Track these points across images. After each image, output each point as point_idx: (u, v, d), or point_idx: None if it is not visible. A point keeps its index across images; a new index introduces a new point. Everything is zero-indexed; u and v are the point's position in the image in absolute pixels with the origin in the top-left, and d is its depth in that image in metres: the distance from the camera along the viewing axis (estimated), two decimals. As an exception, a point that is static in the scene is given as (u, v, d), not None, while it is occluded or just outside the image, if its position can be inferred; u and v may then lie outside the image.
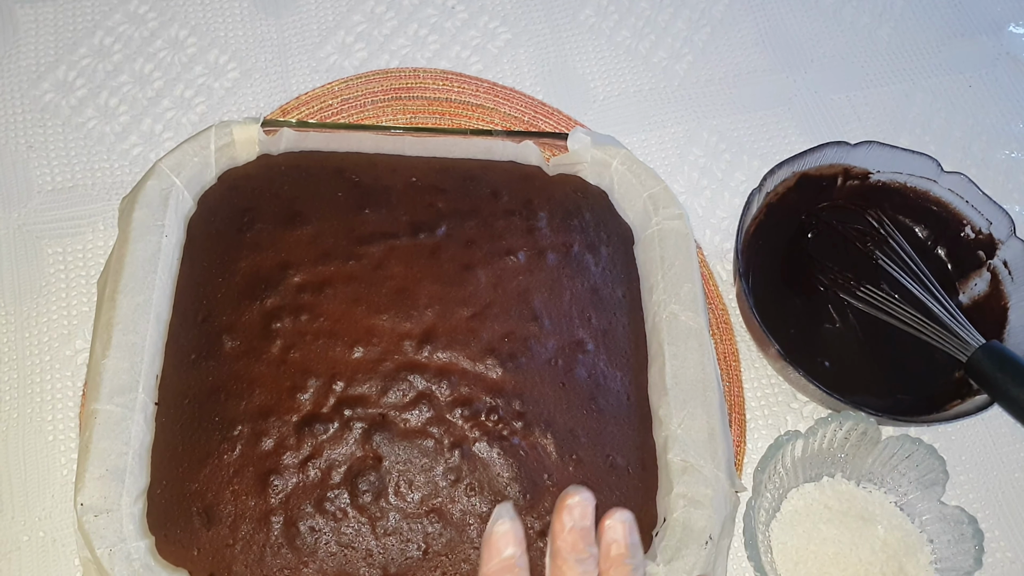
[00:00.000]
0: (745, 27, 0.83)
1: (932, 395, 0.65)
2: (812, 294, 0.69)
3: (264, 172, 0.65)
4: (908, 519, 0.62)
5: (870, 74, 0.82)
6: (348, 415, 0.56)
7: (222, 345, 0.58)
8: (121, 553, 0.52)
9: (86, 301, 0.67)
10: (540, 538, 0.55)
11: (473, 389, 0.58)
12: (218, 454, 0.55)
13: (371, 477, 0.55)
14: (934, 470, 0.61)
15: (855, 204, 0.71)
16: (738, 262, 0.64)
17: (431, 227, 0.63)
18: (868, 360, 0.67)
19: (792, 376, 0.63)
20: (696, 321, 0.61)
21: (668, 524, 0.56)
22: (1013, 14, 0.85)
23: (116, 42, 0.77)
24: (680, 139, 0.78)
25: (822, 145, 0.68)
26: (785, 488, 0.63)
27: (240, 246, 0.62)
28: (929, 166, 0.69)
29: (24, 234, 0.69)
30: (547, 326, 0.60)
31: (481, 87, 0.76)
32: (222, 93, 0.76)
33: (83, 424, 0.56)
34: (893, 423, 0.62)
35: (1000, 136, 0.80)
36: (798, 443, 0.61)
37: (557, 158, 0.68)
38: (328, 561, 0.54)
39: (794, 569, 0.61)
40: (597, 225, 0.66)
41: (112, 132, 0.73)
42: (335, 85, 0.75)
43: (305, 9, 0.80)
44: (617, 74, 0.80)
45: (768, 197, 0.69)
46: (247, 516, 0.54)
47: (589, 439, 0.58)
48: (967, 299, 0.69)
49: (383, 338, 0.59)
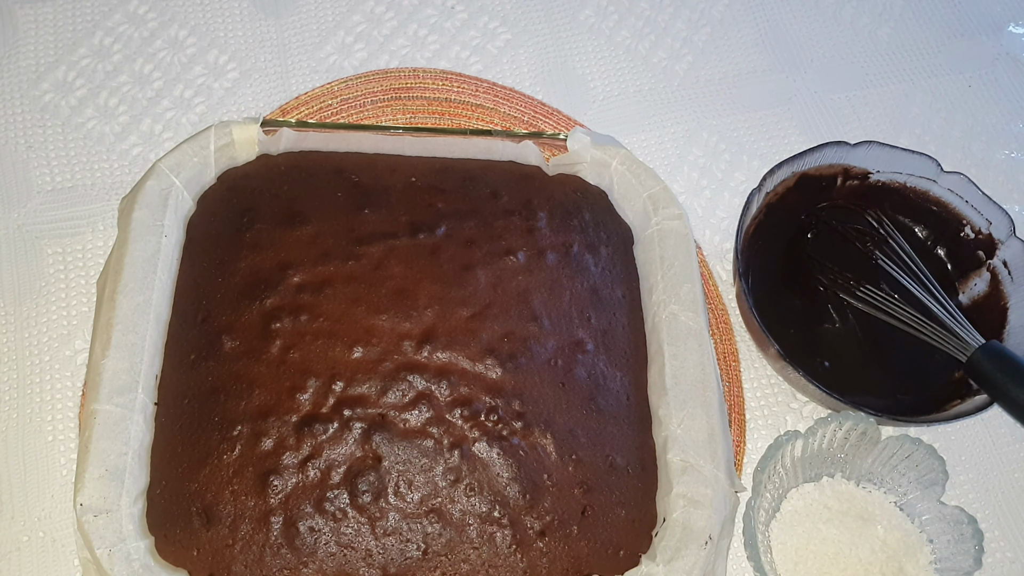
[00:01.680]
0: (745, 27, 0.83)
1: (931, 395, 0.65)
2: (812, 294, 0.69)
3: (264, 172, 0.65)
4: (908, 519, 0.62)
5: (870, 74, 0.82)
6: (348, 415, 0.56)
7: (222, 345, 0.58)
8: (121, 553, 0.52)
9: (86, 301, 0.67)
10: (540, 538, 0.55)
11: (473, 389, 0.58)
12: (218, 454, 0.55)
13: (371, 477, 0.55)
14: (934, 470, 0.61)
15: (855, 204, 0.71)
16: (738, 262, 0.63)
17: (431, 227, 0.63)
18: (867, 360, 0.67)
19: (792, 376, 0.63)
20: (696, 321, 0.61)
21: (668, 524, 0.56)
22: (1013, 14, 0.85)
23: (116, 42, 0.77)
24: (680, 139, 0.78)
25: (822, 145, 0.68)
26: (785, 488, 0.63)
27: (240, 246, 0.62)
28: (929, 166, 0.68)
29: (24, 234, 0.69)
30: (547, 326, 0.60)
31: (481, 87, 0.76)
32: (222, 93, 0.76)
33: (83, 424, 0.56)
34: (892, 423, 0.62)
35: (1000, 136, 0.80)
36: (798, 443, 0.61)
37: (557, 158, 0.68)
38: (328, 561, 0.54)
39: (794, 569, 0.61)
40: (597, 225, 0.66)
41: (112, 132, 0.73)
42: (335, 85, 0.75)
43: (305, 9, 0.80)
44: (617, 74, 0.80)
45: (768, 197, 0.69)
46: (247, 516, 0.54)
47: (589, 439, 0.58)
48: (967, 299, 0.69)
49: (383, 338, 0.59)
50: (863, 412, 0.61)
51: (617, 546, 0.56)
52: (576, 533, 0.56)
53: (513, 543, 0.55)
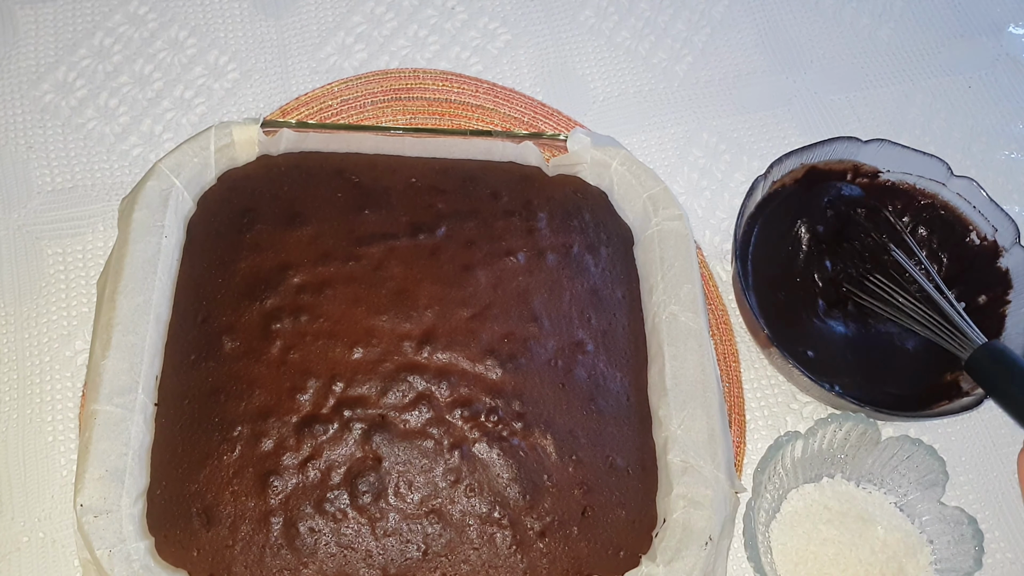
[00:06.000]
0: (745, 28, 0.83)
1: (919, 394, 0.65)
2: (808, 286, 0.68)
3: (264, 173, 0.65)
4: (908, 520, 0.62)
5: (870, 75, 0.82)
6: (348, 416, 0.56)
7: (222, 346, 0.58)
8: (121, 554, 0.52)
9: (86, 302, 0.67)
10: (540, 539, 0.55)
11: (473, 390, 0.58)
12: (218, 455, 0.55)
13: (371, 478, 0.55)
14: (934, 471, 0.61)
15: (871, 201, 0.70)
16: (736, 245, 0.63)
17: (431, 228, 0.63)
18: (857, 355, 0.66)
19: (779, 363, 0.63)
20: (696, 322, 0.61)
21: (668, 525, 0.56)
22: (1012, 15, 0.85)
23: (116, 43, 0.77)
24: (680, 140, 0.78)
25: (832, 139, 0.68)
26: (785, 489, 0.63)
27: (240, 247, 0.62)
28: (939, 168, 0.68)
29: (24, 235, 0.69)
30: (547, 327, 0.60)
31: (481, 88, 0.76)
32: (222, 94, 0.76)
33: (83, 425, 0.56)
34: (877, 416, 0.62)
35: (1000, 137, 0.80)
36: (798, 444, 0.61)
37: (557, 159, 0.68)
38: (328, 562, 0.54)
39: (794, 570, 0.61)
40: (597, 226, 0.66)
41: (112, 133, 0.73)
42: (335, 86, 0.75)
43: (305, 10, 0.80)
44: (617, 75, 0.80)
45: (774, 186, 0.68)
46: (247, 517, 0.54)
47: (589, 440, 0.58)
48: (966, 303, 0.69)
49: (383, 339, 0.59)
50: (845, 401, 0.60)
51: (617, 547, 0.56)
52: (576, 534, 0.56)
53: (513, 544, 0.55)
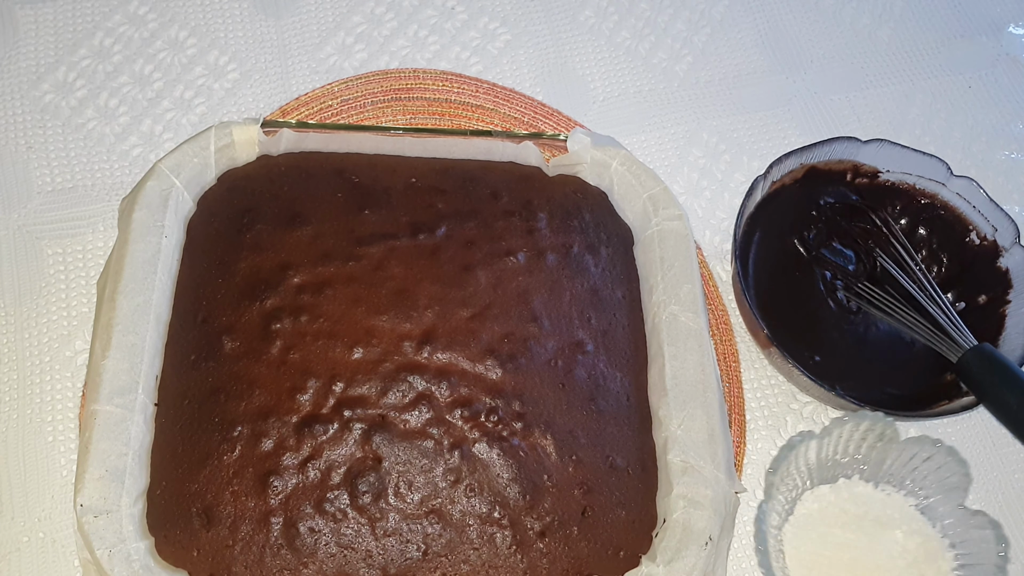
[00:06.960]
0: (745, 28, 0.83)
1: (920, 394, 0.65)
2: (808, 286, 0.68)
3: (264, 173, 0.65)
4: (928, 523, 0.60)
5: (870, 75, 0.82)
6: (348, 416, 0.56)
7: (222, 346, 0.58)
8: (121, 554, 0.52)
9: (86, 302, 0.67)
10: (540, 539, 0.55)
11: (473, 390, 0.58)
12: (218, 455, 0.55)
13: (371, 478, 0.55)
14: (956, 473, 0.59)
15: (864, 203, 0.70)
16: (735, 245, 0.63)
17: (431, 228, 0.63)
18: (857, 354, 0.66)
19: (779, 363, 0.63)
20: (696, 322, 0.61)
21: (668, 525, 0.56)
22: (1013, 15, 0.85)
23: (116, 43, 0.77)
24: (680, 140, 0.78)
25: (832, 139, 0.68)
26: (799, 490, 0.62)
27: (240, 247, 0.62)
28: (939, 169, 0.68)
29: (24, 235, 0.69)
30: (547, 327, 0.60)
31: (481, 88, 0.76)
32: (222, 94, 0.76)
33: (83, 425, 0.56)
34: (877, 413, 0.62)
35: (1000, 137, 0.80)
36: (812, 444, 0.60)
37: (557, 159, 0.68)
38: (328, 562, 0.54)
39: (807, 575, 0.59)
40: (597, 226, 0.66)
41: (112, 133, 0.73)
42: (335, 86, 0.75)
43: (305, 10, 0.80)
44: (617, 75, 0.80)
45: (773, 186, 0.68)
46: (247, 517, 0.54)
47: (589, 440, 0.58)
48: (965, 303, 0.69)
49: (383, 339, 0.59)
50: (845, 400, 0.60)
51: (617, 547, 0.56)
52: (576, 534, 0.56)
53: (513, 544, 0.55)
